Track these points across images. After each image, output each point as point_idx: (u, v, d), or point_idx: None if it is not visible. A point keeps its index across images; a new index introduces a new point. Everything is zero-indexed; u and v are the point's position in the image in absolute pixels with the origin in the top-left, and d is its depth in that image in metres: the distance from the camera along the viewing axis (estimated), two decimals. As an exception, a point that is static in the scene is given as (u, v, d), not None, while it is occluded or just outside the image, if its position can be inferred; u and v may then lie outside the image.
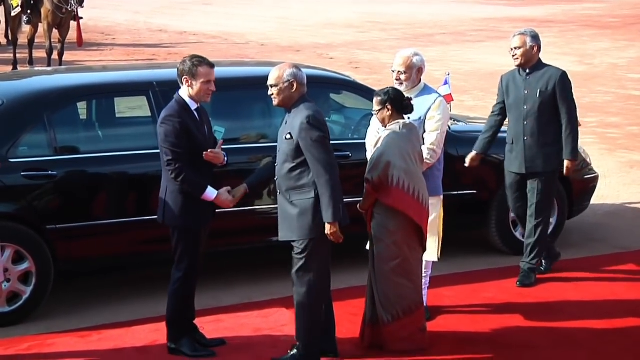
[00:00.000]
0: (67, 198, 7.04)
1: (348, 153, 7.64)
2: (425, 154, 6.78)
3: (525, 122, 7.60)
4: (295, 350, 6.14)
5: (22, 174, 6.86)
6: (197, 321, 6.43)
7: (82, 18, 18.53)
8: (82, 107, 7.74)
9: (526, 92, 7.60)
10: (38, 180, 6.92)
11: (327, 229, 5.87)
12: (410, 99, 6.52)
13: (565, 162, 7.61)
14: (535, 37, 7.65)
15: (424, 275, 6.97)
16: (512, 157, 7.72)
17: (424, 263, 6.95)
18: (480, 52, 22.34)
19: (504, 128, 7.93)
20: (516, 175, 7.74)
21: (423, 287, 6.99)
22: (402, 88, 6.88)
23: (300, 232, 5.94)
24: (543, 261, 7.93)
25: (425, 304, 6.99)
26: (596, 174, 9.04)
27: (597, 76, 18.93)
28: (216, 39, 24.88)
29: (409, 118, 6.85)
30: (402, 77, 6.88)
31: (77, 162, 7.13)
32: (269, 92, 6.05)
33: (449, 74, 9.29)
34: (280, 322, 6.80)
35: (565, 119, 7.57)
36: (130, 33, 26.25)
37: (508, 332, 6.79)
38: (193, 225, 6.16)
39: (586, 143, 12.93)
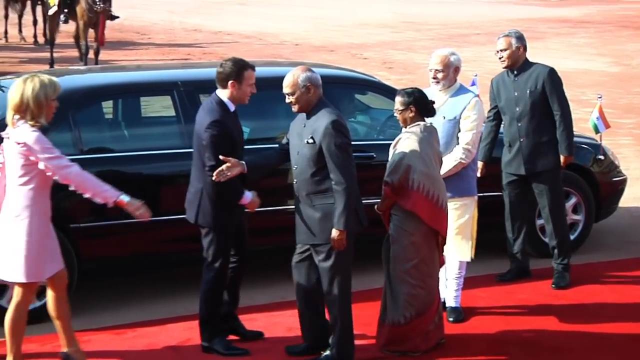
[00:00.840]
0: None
1: (372, 154, 7.60)
2: (460, 154, 6.77)
3: (520, 124, 7.56)
4: (328, 352, 6.14)
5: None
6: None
7: (118, 17, 18.65)
8: (106, 106, 7.76)
9: (516, 93, 7.56)
10: None
11: (335, 234, 5.87)
12: (434, 102, 6.48)
13: (562, 158, 7.57)
14: (520, 38, 7.64)
15: (457, 276, 6.96)
16: (509, 158, 7.69)
17: (457, 264, 6.94)
18: (515, 52, 22.18)
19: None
20: (514, 177, 7.70)
21: (456, 287, 6.98)
22: (438, 87, 6.88)
23: (324, 236, 5.93)
24: (512, 269, 7.84)
25: (459, 305, 6.99)
26: (624, 177, 8.94)
27: (635, 77, 18.75)
28: (251, 39, 24.95)
29: (444, 117, 6.84)
30: (439, 75, 6.87)
31: (101, 161, 7.11)
32: (287, 100, 6.04)
33: (476, 75, 9.27)
34: (313, 321, 6.80)
35: (558, 114, 7.52)
36: (165, 32, 26.38)
37: (542, 334, 6.75)
38: (227, 226, 6.19)
39: (623, 144, 12.84)
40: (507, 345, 6.55)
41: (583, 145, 8.59)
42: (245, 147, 6.49)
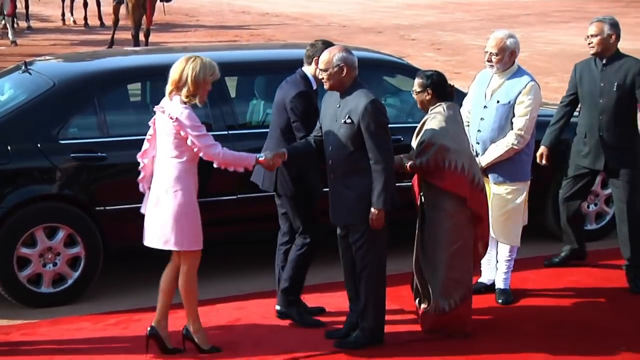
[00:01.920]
0: (115, 180, 7.02)
1: (400, 137, 7.32)
2: (512, 139, 6.69)
3: (601, 117, 7.15)
4: (358, 331, 6.18)
5: (72, 155, 6.89)
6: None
7: (169, 0, 18.74)
8: (133, 89, 7.73)
9: (602, 84, 7.15)
10: (87, 161, 6.92)
11: (373, 213, 5.89)
12: (453, 86, 6.41)
13: None
14: (614, 25, 7.20)
15: (507, 258, 6.93)
16: (584, 151, 7.30)
17: (508, 247, 6.90)
18: (565, 33, 21.98)
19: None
20: (584, 169, 7.37)
21: (506, 270, 6.95)
22: (493, 70, 6.79)
23: (360, 216, 5.95)
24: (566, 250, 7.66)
25: (508, 287, 6.97)
26: None
27: (687, 57, 18.44)
28: (298, 20, 24.96)
29: (498, 102, 6.76)
30: (494, 59, 6.75)
31: (126, 144, 7.03)
32: (319, 76, 6.09)
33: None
34: (362, 302, 6.82)
35: None
36: (213, 15, 26.49)
37: (593, 316, 6.71)
38: (305, 192, 6.36)
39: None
40: (558, 327, 6.52)
41: None
42: (261, 130, 6.81)
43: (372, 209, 5.90)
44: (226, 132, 7.23)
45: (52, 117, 6.98)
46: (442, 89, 6.26)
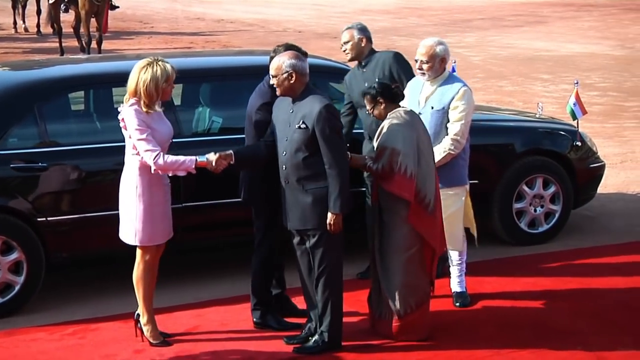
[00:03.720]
0: (57, 190, 6.90)
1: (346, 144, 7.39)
2: (448, 145, 6.71)
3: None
4: (317, 336, 6.18)
5: (12, 166, 6.76)
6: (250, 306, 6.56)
7: (118, 7, 18.65)
8: (74, 97, 7.61)
9: (366, 84, 7.15)
10: (27, 172, 6.81)
11: (330, 218, 5.91)
12: (398, 85, 6.44)
13: None
14: (363, 30, 7.50)
15: (458, 262, 6.95)
16: (369, 150, 7.17)
17: (456, 251, 6.91)
18: (518, 37, 22.18)
19: None
20: None
21: (459, 273, 6.98)
22: (424, 78, 6.81)
23: (316, 221, 5.97)
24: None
25: (464, 289, 6.99)
26: (602, 163, 8.78)
27: (638, 60, 18.72)
28: (253, 27, 24.94)
29: (432, 108, 6.78)
30: (424, 66, 6.77)
31: (68, 153, 6.96)
32: (271, 82, 6.09)
33: (455, 62, 8.56)
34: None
35: None
36: (168, 21, 26.39)
37: (551, 317, 6.75)
38: (271, 201, 6.35)
39: (628, 128, 12.85)
40: (516, 328, 6.56)
41: (560, 132, 8.46)
42: (217, 137, 6.85)
43: (329, 214, 5.91)
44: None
45: None
46: (389, 92, 6.29)
